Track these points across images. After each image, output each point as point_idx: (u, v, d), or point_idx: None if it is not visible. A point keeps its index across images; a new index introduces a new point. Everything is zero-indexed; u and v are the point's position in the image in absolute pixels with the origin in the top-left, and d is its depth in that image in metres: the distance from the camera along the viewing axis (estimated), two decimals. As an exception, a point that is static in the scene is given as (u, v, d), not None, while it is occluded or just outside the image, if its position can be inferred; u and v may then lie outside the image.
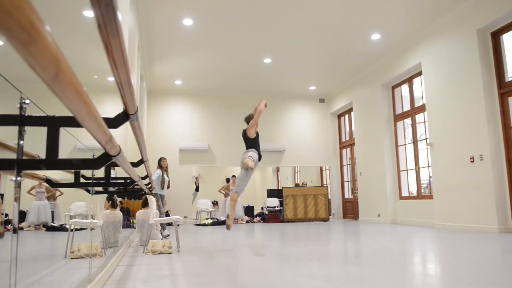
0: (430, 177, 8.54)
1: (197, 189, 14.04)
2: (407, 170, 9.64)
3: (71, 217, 4.46)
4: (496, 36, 6.94)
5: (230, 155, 12.19)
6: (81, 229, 4.35)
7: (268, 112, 12.87)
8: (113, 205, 5.27)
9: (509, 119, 6.70)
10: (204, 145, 12.13)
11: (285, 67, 10.44)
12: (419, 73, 8.87)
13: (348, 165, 12.76)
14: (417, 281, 2.98)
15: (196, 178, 14.35)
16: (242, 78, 11.35)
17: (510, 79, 6.74)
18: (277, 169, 16.17)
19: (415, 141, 9.28)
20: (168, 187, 7.77)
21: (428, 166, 8.55)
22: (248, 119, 5.49)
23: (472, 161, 6.98)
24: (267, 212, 12.20)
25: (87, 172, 2.84)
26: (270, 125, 12.69)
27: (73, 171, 2.40)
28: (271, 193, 12.92)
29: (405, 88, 9.75)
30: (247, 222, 11.47)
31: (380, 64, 10.09)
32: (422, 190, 9.09)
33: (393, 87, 10.09)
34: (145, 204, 5.87)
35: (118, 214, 5.26)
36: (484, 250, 4.52)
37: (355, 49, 9.27)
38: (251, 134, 5.34)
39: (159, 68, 10.38)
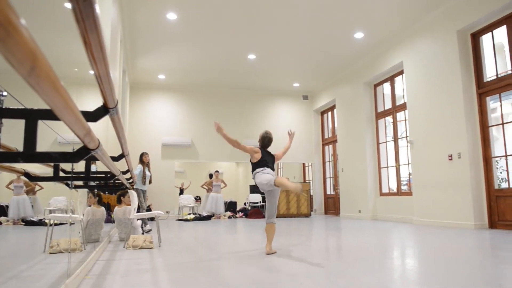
0: (409, 174, 8.70)
1: (181, 193, 14.05)
2: (387, 167, 9.80)
3: (50, 211, 4.41)
4: (475, 37, 7.09)
5: (213, 150, 12.19)
6: (61, 224, 4.30)
7: (252, 108, 12.90)
8: (99, 202, 5.24)
9: (487, 118, 6.87)
10: (187, 140, 12.08)
11: (269, 63, 10.46)
12: (401, 72, 9.02)
13: (331, 162, 12.89)
14: (395, 275, 3.05)
15: (182, 184, 14.40)
16: (226, 74, 11.33)
17: (488, 79, 6.91)
18: (260, 165, 16.27)
19: (396, 139, 9.43)
20: (150, 182, 7.75)
21: (408, 164, 8.71)
22: (269, 142, 4.76)
23: (450, 159, 7.14)
24: (249, 208, 12.24)
25: (67, 166, 2.81)
26: (254, 121, 12.73)
27: (52, 164, 2.38)
28: (254, 189, 12.96)
29: (387, 86, 9.89)
30: (229, 217, 11.49)
31: (363, 63, 10.21)
32: (402, 187, 9.26)
33: (375, 85, 10.23)
34: (120, 201, 5.81)
35: (102, 210, 5.21)
36: (460, 246, 4.65)
37: (339, 47, 9.34)
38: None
39: (142, 62, 10.28)
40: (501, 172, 8.05)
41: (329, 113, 12.94)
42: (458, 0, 7.04)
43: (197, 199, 13.57)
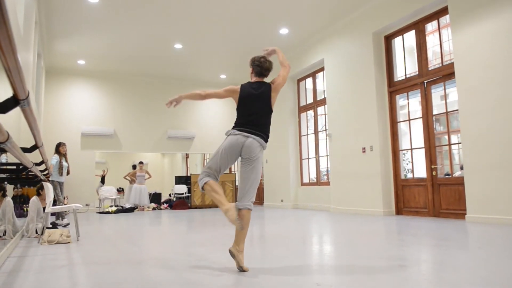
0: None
1: (102, 181, 13.48)
2: (308, 158, 10.29)
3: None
4: (388, 40, 7.68)
5: (137, 141, 11.85)
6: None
7: (178, 98, 12.70)
8: (4, 194, 4.87)
9: (396, 115, 7.52)
10: (109, 130, 11.59)
11: (196, 54, 10.38)
12: (322, 69, 9.48)
13: (256, 153, 13.17)
14: (314, 259, 3.28)
15: (103, 171, 13.80)
16: (151, 62, 11.03)
17: (398, 79, 7.53)
18: (187, 156, 16.10)
19: (316, 132, 9.93)
20: (68, 173, 7.38)
21: (327, 155, 9.22)
22: (268, 70, 3.21)
23: (364, 152, 7.71)
24: (174, 199, 12.13)
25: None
26: (180, 112, 12.56)
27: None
28: (179, 180, 12.87)
29: (309, 81, 10.34)
30: (153, 209, 11.30)
31: (287, 58, 10.53)
32: (321, 177, 9.79)
33: (299, 80, 10.64)
34: (39, 194, 5.48)
35: (9, 202, 4.86)
36: (369, 231, 5.07)
37: (265, 41, 9.53)
38: (274, 102, 3.21)
39: (60, 46, 9.63)
40: (407, 164, 8.86)
41: (255, 105, 13.17)
42: (375, 4, 7.56)
43: (120, 190, 13.14)
